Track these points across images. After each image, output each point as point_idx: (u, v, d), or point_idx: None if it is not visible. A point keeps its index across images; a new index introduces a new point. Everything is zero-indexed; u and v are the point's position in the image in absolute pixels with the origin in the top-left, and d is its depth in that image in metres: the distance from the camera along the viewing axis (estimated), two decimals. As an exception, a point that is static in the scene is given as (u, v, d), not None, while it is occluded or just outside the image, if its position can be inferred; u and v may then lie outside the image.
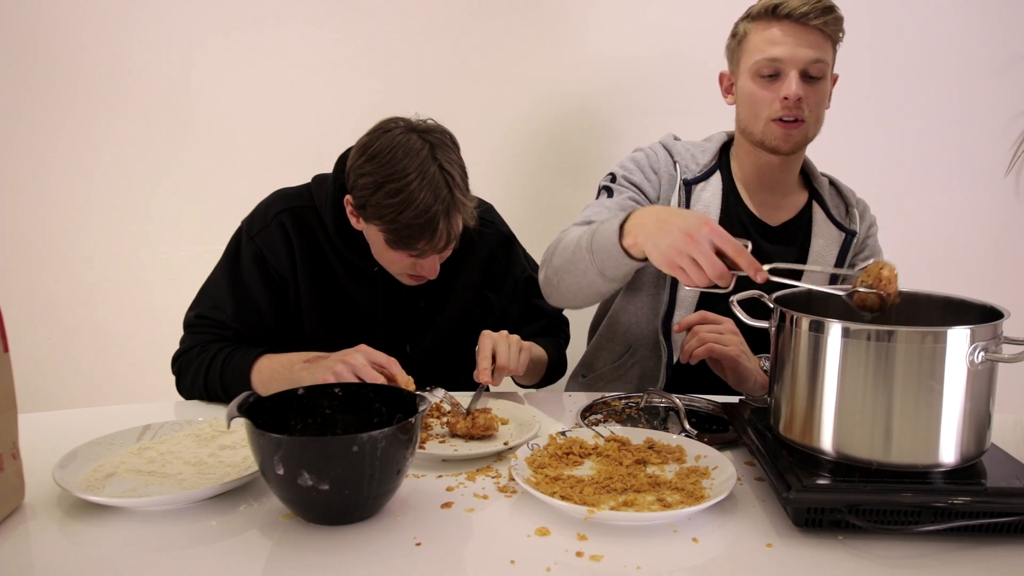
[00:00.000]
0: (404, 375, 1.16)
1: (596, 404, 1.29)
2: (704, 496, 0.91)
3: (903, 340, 0.85)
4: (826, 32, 1.36)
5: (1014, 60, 1.96)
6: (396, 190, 1.20)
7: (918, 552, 0.82)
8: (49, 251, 2.11)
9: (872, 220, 1.56)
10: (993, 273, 2.07)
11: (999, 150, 2.01)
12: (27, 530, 0.87)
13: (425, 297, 1.43)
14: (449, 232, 1.25)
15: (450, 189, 1.22)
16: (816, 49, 1.36)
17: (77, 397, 2.17)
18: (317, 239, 1.37)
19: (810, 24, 1.35)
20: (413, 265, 1.30)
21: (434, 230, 1.22)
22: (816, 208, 1.52)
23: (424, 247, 1.24)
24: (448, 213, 1.23)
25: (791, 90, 1.35)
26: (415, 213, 1.20)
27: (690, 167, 1.51)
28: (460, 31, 2.01)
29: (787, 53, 1.36)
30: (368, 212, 1.24)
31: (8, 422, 0.91)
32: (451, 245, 1.29)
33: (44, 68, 2.00)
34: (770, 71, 1.38)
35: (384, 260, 1.33)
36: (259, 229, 1.37)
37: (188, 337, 1.37)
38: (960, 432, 0.86)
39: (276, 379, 1.25)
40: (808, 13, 1.34)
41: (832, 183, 1.57)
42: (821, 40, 1.37)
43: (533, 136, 2.07)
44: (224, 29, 1.99)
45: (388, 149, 1.22)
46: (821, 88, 1.39)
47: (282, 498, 0.88)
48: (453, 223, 1.25)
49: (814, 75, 1.37)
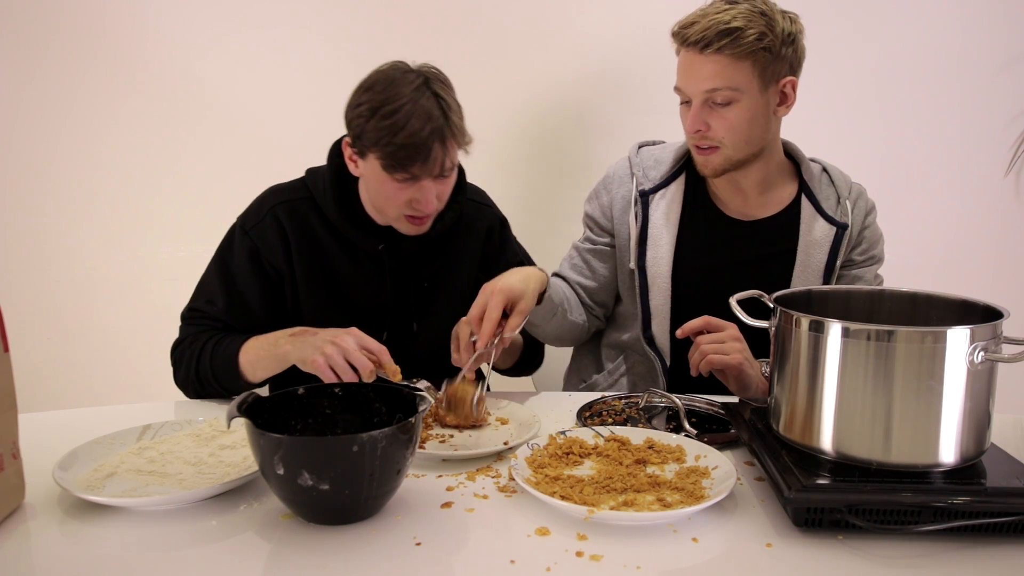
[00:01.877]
0: (392, 364, 1.16)
1: (596, 404, 1.29)
2: (704, 496, 0.91)
3: (903, 340, 0.85)
4: (733, 55, 1.28)
5: (1014, 60, 1.96)
6: (391, 111, 1.22)
7: (918, 552, 0.82)
8: (49, 251, 2.11)
9: (869, 207, 1.48)
10: (993, 273, 2.07)
11: (999, 150, 2.01)
12: (27, 530, 0.87)
13: (429, 277, 1.44)
14: (444, 156, 1.25)
15: (444, 113, 1.24)
16: (715, 78, 1.29)
17: (77, 397, 2.17)
18: (313, 230, 1.38)
19: (707, 53, 1.28)
20: (410, 202, 1.28)
21: (429, 150, 1.22)
22: (804, 202, 1.45)
23: (419, 170, 1.24)
24: (443, 136, 1.23)
25: (689, 123, 1.34)
26: (409, 133, 1.21)
27: (649, 175, 1.49)
28: (458, 30, 2.01)
29: (686, 84, 1.34)
30: (364, 141, 1.25)
31: (8, 422, 0.91)
32: (448, 174, 1.29)
33: (44, 68, 2.00)
34: (683, 98, 1.36)
35: (382, 201, 1.31)
36: (253, 224, 1.38)
37: (183, 329, 1.39)
38: (960, 432, 0.86)
39: (263, 357, 1.26)
40: (700, 41, 1.28)
41: (825, 170, 1.50)
42: (723, 66, 1.29)
43: (530, 136, 2.07)
44: (226, 30, 1.99)
45: (383, 80, 1.25)
46: (733, 113, 1.32)
47: (282, 498, 0.88)
48: (448, 147, 1.25)
49: (719, 102, 1.32)
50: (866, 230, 1.47)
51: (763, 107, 1.34)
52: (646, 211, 1.47)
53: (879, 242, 1.51)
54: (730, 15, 1.28)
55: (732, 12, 1.28)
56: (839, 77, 2.00)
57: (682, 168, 1.49)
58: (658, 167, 1.50)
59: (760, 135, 1.37)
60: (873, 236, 1.49)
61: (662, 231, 1.46)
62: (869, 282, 1.48)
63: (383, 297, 1.41)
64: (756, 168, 1.43)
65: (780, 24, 1.31)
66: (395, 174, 1.25)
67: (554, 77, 2.05)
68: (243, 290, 1.37)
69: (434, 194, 1.29)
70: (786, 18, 1.33)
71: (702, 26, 1.28)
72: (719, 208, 1.47)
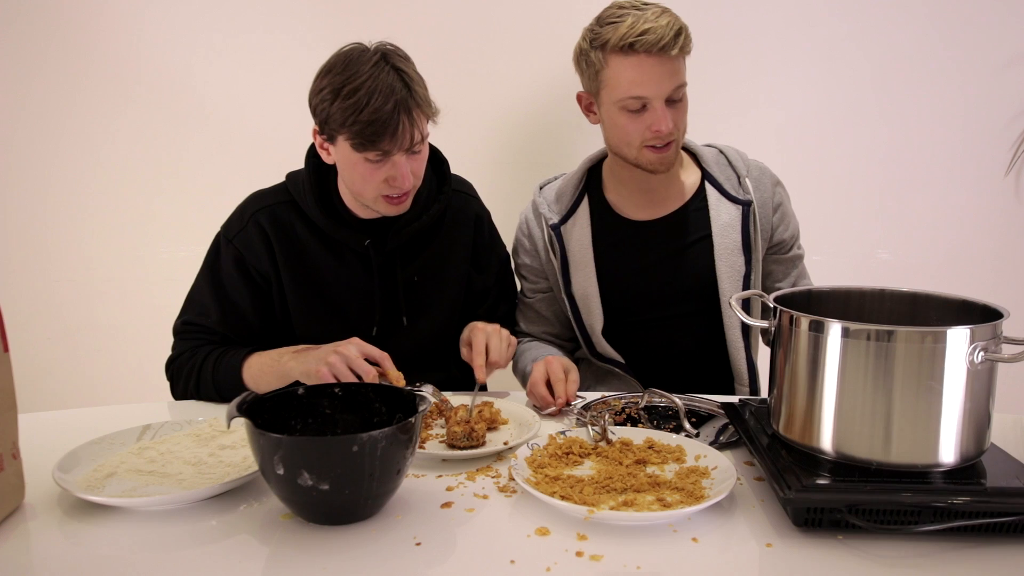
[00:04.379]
0: (395, 371, 1.17)
1: (596, 404, 1.29)
2: (704, 496, 0.91)
3: (903, 340, 0.85)
4: (683, 53, 1.36)
5: (1014, 60, 1.96)
6: (352, 91, 1.22)
7: (918, 552, 0.82)
8: (49, 251, 2.10)
9: (773, 181, 1.53)
10: (993, 273, 2.07)
11: (999, 150, 2.01)
12: (27, 530, 0.87)
13: (418, 271, 1.44)
14: (412, 128, 1.25)
15: (406, 85, 1.24)
16: (676, 75, 1.36)
17: (77, 397, 2.17)
18: (296, 232, 1.39)
19: (667, 55, 1.33)
20: (386, 180, 1.28)
21: (396, 124, 1.22)
22: (708, 187, 1.50)
23: (389, 145, 1.24)
24: (407, 108, 1.23)
25: (663, 124, 1.36)
26: (373, 109, 1.21)
27: (554, 209, 1.54)
28: (454, 29, 2.01)
29: (652, 90, 1.36)
30: (332, 125, 1.25)
31: (8, 422, 0.91)
32: (418, 148, 1.29)
33: (45, 68, 2.00)
34: (636, 106, 1.38)
35: (358, 184, 1.31)
36: (237, 231, 1.38)
37: (178, 343, 1.39)
38: (960, 432, 0.86)
39: (266, 373, 1.26)
40: (664, 46, 1.32)
41: (722, 152, 1.55)
42: (680, 64, 1.37)
43: (526, 136, 2.07)
44: (227, 31, 1.99)
45: (341, 60, 1.26)
46: (683, 104, 1.41)
47: (282, 498, 0.88)
48: (415, 119, 1.25)
49: (677, 99, 1.38)
50: (781, 205, 1.52)
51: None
52: (562, 242, 1.52)
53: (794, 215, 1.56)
54: (667, 18, 1.34)
55: (665, 16, 1.35)
56: (839, 77, 2.00)
57: (583, 192, 1.54)
58: (561, 199, 1.55)
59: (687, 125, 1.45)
60: (788, 209, 1.54)
61: (581, 255, 1.51)
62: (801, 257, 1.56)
63: (371, 294, 1.41)
64: None
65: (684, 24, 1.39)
66: (366, 153, 1.25)
67: (550, 75, 2.05)
68: (235, 299, 1.37)
69: (408, 169, 1.28)
70: None
71: (657, 34, 1.32)
72: (627, 218, 1.52)
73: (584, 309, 1.51)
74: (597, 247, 1.51)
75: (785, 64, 2.00)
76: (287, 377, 1.22)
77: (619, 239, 1.51)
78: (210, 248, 1.41)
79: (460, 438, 1.09)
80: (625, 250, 1.51)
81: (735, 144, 1.59)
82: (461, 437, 1.09)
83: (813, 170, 2.04)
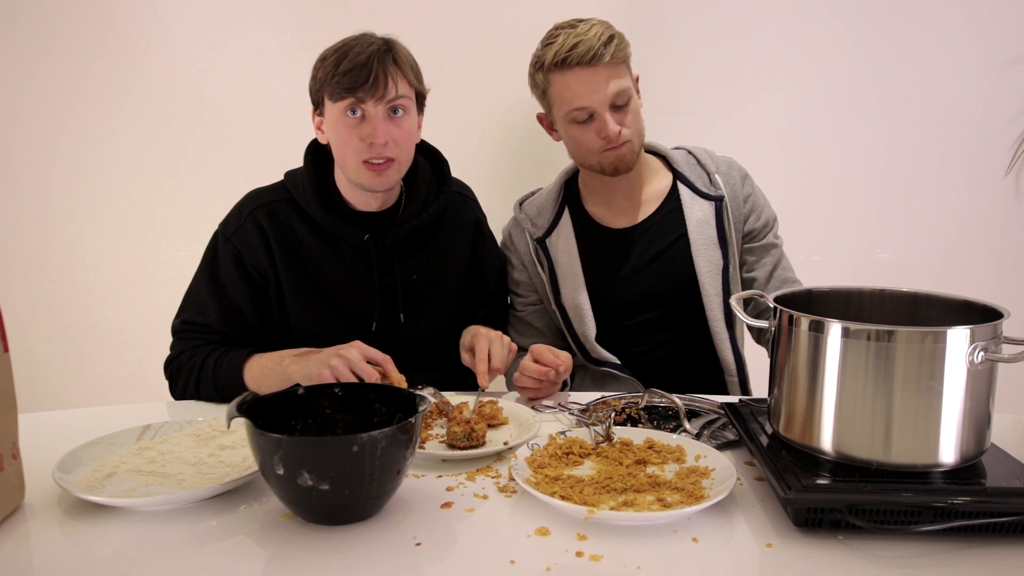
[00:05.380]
0: (398, 374, 1.17)
1: (596, 404, 1.29)
2: (704, 496, 0.91)
3: (903, 340, 0.85)
4: (617, 60, 1.40)
5: (1014, 60, 1.96)
6: (335, 49, 1.30)
7: (918, 552, 0.82)
8: (49, 251, 2.10)
9: (741, 174, 1.56)
10: (993, 273, 2.07)
11: (999, 150, 2.01)
12: (27, 530, 0.87)
13: (417, 269, 1.44)
14: (386, 79, 1.28)
15: (388, 46, 1.30)
16: (615, 80, 1.40)
17: (77, 397, 2.17)
18: (294, 230, 1.39)
19: (600, 64, 1.38)
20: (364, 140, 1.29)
21: (370, 71, 1.26)
22: (681, 187, 1.54)
23: (364, 93, 1.27)
24: (383, 61, 1.27)
25: (608, 130, 1.40)
26: (351, 58, 1.27)
27: (538, 223, 1.57)
28: (455, 30, 2.01)
29: (592, 100, 1.40)
30: (320, 91, 1.31)
31: (8, 422, 0.91)
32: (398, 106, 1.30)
33: (45, 69, 2.00)
34: (583, 117, 1.42)
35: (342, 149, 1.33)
36: (235, 229, 1.39)
37: (177, 343, 1.39)
38: (960, 432, 0.86)
39: (267, 376, 1.26)
40: (595, 55, 1.37)
41: (691, 152, 1.58)
42: (614, 69, 1.40)
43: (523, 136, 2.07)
44: (230, 31, 1.99)
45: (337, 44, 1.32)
46: (632, 107, 1.44)
47: (282, 498, 0.88)
48: (391, 73, 1.28)
49: (621, 104, 1.41)
50: (751, 196, 1.55)
51: (638, 101, 1.48)
52: (548, 255, 1.55)
53: (766, 205, 1.57)
54: (597, 30, 1.39)
55: (596, 27, 1.40)
56: (839, 77, 2.00)
57: (563, 205, 1.58)
58: (542, 213, 1.58)
59: (643, 127, 1.49)
60: (759, 200, 1.56)
61: (569, 267, 1.54)
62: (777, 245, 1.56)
63: (370, 290, 1.41)
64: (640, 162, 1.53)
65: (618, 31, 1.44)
66: (343, 102, 1.28)
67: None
68: (234, 297, 1.38)
69: (383, 128, 1.29)
70: None
71: (586, 45, 1.37)
72: (606, 226, 1.56)
73: (576, 319, 1.54)
74: (583, 257, 1.54)
75: (785, 64, 1.99)
76: (288, 380, 1.22)
77: (602, 248, 1.55)
78: (208, 246, 1.41)
79: (460, 438, 1.09)
80: (610, 258, 1.54)
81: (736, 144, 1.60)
82: (461, 437, 1.09)
83: (813, 170, 2.04)
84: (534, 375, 1.29)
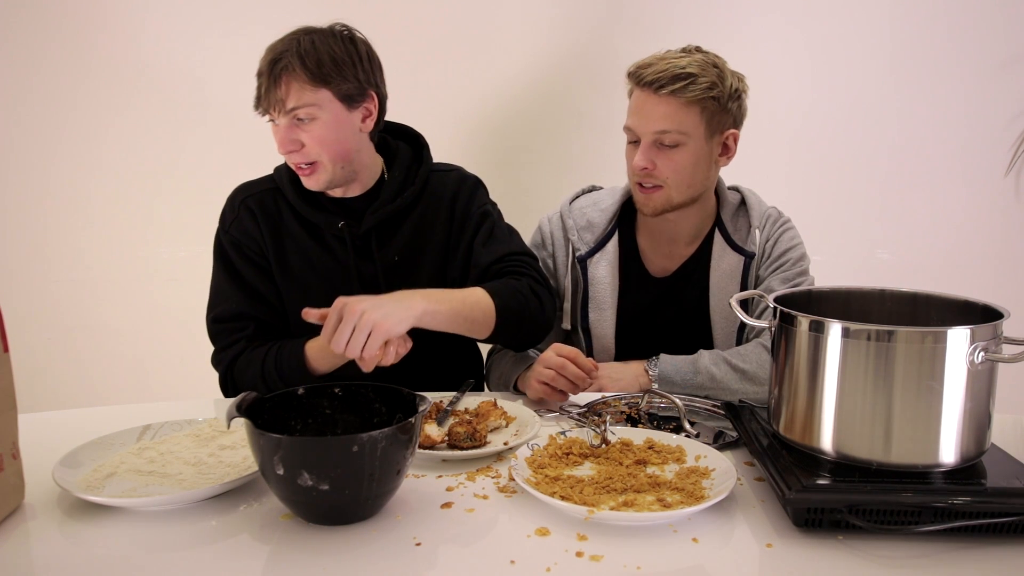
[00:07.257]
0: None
1: (596, 404, 1.29)
2: (704, 496, 0.91)
3: (903, 340, 0.85)
4: (684, 100, 1.33)
5: (1014, 60, 1.96)
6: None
7: (918, 552, 0.82)
8: (49, 251, 2.11)
9: (777, 226, 1.49)
10: (993, 273, 2.07)
11: (999, 150, 2.01)
12: (27, 530, 0.87)
13: (398, 251, 1.44)
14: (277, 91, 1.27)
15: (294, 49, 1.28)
16: (666, 120, 1.34)
17: (77, 397, 2.17)
18: (282, 217, 1.42)
19: (661, 94, 1.33)
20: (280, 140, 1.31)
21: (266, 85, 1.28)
22: (717, 235, 1.49)
23: (266, 103, 1.30)
24: (277, 71, 1.27)
25: (637, 160, 1.37)
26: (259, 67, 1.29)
27: (584, 238, 1.52)
28: (454, 30, 2.01)
29: (637, 123, 1.37)
30: None
31: (8, 422, 0.91)
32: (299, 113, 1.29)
33: (45, 70, 2.00)
34: (632, 137, 1.39)
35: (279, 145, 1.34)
36: (231, 221, 1.42)
37: (220, 338, 1.39)
38: (960, 432, 0.86)
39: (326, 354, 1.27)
40: (655, 82, 1.33)
41: (744, 200, 1.52)
42: (675, 109, 1.33)
43: (522, 130, 2.07)
44: (226, 32, 1.99)
45: None
46: (679, 156, 1.37)
47: (282, 498, 0.88)
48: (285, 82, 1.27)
49: (667, 144, 1.36)
50: (789, 251, 1.47)
51: (707, 154, 1.39)
52: (585, 275, 1.52)
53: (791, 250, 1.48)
54: (685, 61, 1.34)
55: (688, 59, 1.34)
56: (839, 78, 2.00)
57: (615, 227, 1.53)
58: (592, 229, 1.53)
59: (701, 180, 1.42)
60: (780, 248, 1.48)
61: (605, 294, 1.51)
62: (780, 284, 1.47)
63: (351, 275, 1.42)
64: (691, 213, 1.47)
65: (729, 79, 1.37)
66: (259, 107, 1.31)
67: (548, 72, 2.05)
68: (250, 281, 1.40)
69: (286, 138, 1.30)
70: (735, 76, 1.39)
71: (658, 68, 1.33)
72: (649, 272, 1.53)
73: (598, 346, 1.53)
74: (620, 295, 1.51)
75: (785, 64, 2.00)
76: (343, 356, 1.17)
77: (640, 293, 1.52)
78: (214, 246, 1.44)
79: (463, 438, 1.09)
80: (644, 304, 1.52)
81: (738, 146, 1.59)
82: (464, 437, 1.09)
83: (814, 170, 2.04)
84: (572, 377, 1.26)
